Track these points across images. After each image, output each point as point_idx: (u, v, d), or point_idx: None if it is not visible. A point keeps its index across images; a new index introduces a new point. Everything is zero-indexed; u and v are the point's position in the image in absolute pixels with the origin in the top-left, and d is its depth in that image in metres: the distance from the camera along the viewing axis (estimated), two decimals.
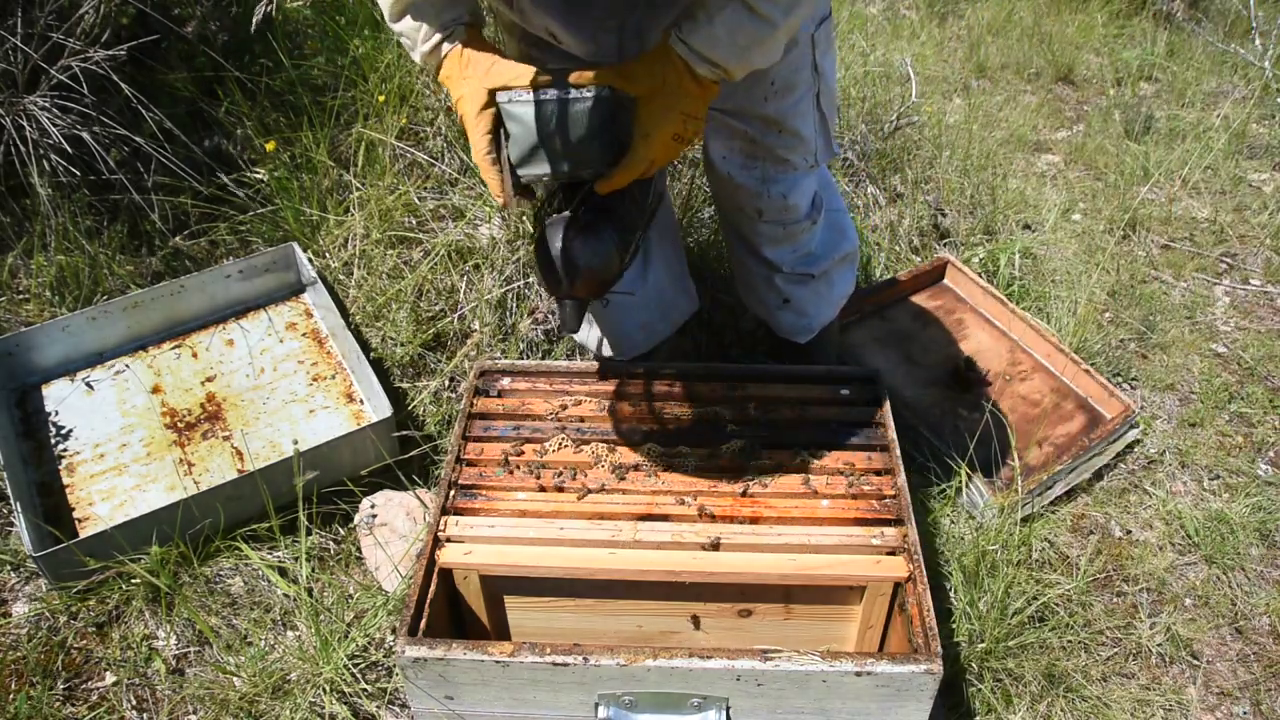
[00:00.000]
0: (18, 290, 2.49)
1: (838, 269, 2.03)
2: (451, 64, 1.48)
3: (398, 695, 1.77)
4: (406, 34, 1.50)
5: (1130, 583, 2.04)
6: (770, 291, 2.00)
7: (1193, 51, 4.03)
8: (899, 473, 1.57)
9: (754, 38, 1.35)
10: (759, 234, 1.87)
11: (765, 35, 1.35)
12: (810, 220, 1.89)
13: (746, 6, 1.33)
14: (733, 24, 1.34)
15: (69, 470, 2.12)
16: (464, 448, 1.64)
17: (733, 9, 1.33)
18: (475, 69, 1.44)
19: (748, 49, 1.36)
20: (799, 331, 2.07)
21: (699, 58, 1.36)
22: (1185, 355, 2.58)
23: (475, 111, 1.43)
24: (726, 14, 1.33)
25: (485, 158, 1.45)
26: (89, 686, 1.82)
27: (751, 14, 1.33)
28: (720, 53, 1.36)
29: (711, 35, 1.34)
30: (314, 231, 2.61)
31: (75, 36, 2.43)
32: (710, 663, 1.29)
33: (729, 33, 1.34)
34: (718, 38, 1.34)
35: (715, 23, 1.34)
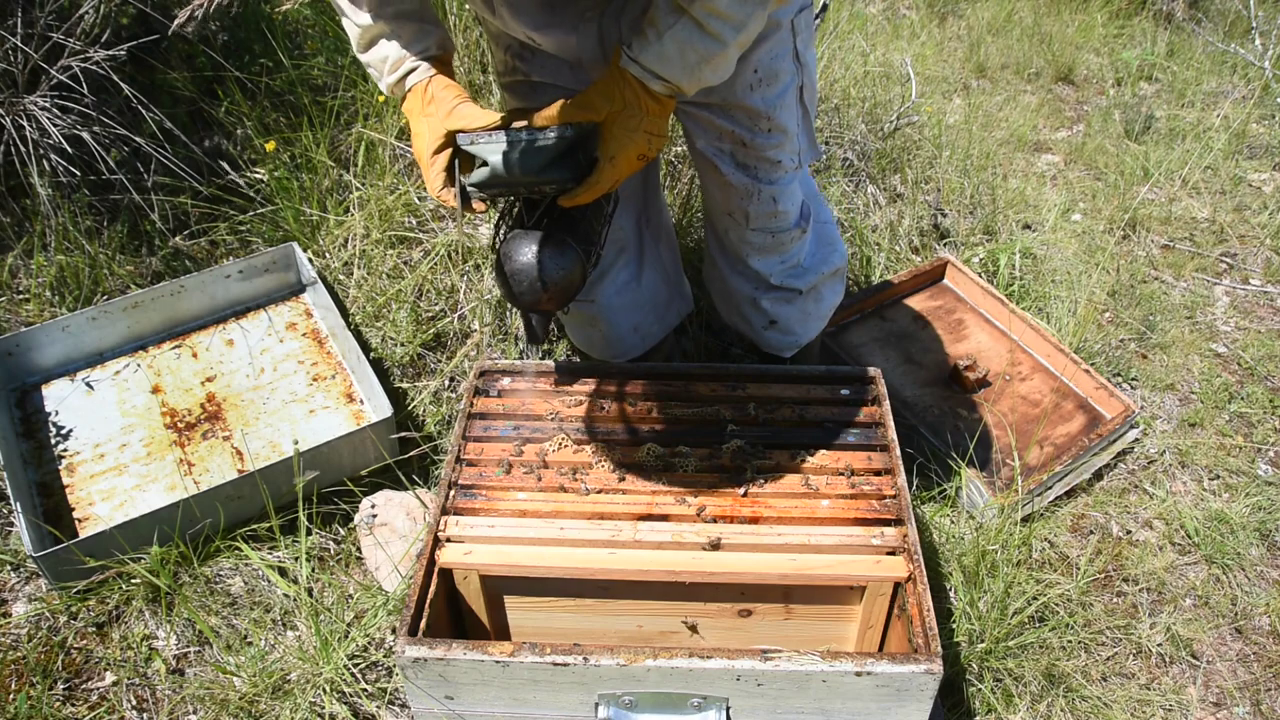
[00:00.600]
0: (18, 290, 2.49)
1: (827, 284, 2.01)
2: (414, 99, 1.49)
3: (398, 695, 1.77)
4: (374, 65, 1.51)
5: (1130, 583, 2.04)
6: (755, 312, 1.96)
7: (1193, 51, 4.03)
8: (899, 473, 1.57)
9: (704, 55, 1.35)
10: (747, 243, 1.84)
11: (715, 52, 1.35)
12: (799, 229, 1.86)
13: (696, 23, 1.32)
14: (683, 41, 1.34)
15: (69, 470, 2.12)
16: (464, 448, 1.64)
17: (682, 25, 1.33)
18: (438, 107, 1.46)
19: (698, 66, 1.36)
20: (785, 348, 2.05)
21: (652, 75, 1.37)
22: (1185, 355, 2.58)
23: (430, 151, 1.45)
24: (676, 30, 1.33)
25: (441, 193, 1.46)
26: (89, 686, 1.82)
27: (701, 31, 1.33)
28: (671, 70, 1.36)
29: (662, 53, 1.35)
30: (314, 231, 2.61)
31: (75, 36, 2.43)
32: (710, 663, 1.29)
33: (679, 50, 1.35)
34: (668, 55, 1.35)
35: (665, 40, 1.34)
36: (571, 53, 1.58)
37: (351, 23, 1.49)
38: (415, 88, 1.49)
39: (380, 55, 1.49)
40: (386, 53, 1.48)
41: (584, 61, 1.59)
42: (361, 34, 1.49)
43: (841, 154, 3.02)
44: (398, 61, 1.48)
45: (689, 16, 1.32)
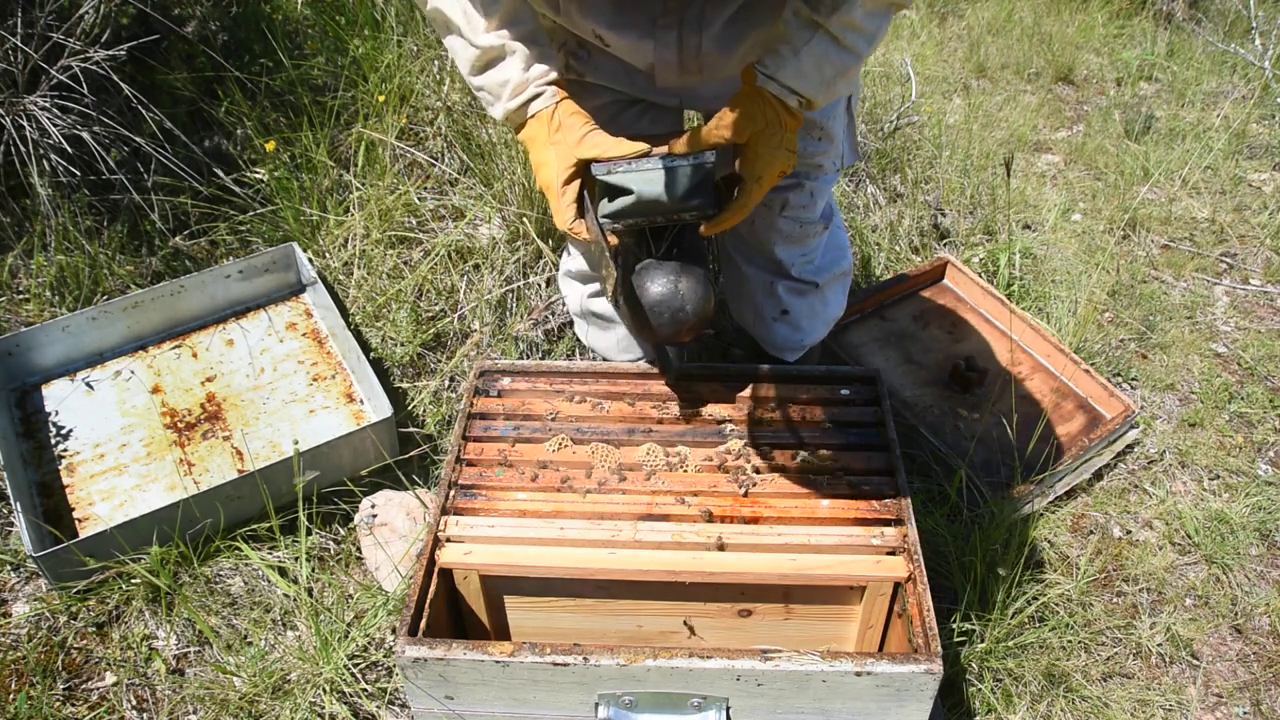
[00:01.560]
0: (18, 290, 2.49)
1: (833, 286, 2.02)
2: (539, 126, 1.40)
3: (398, 695, 1.77)
4: (489, 89, 1.41)
5: (1130, 583, 2.04)
6: (770, 301, 1.97)
7: (1193, 51, 4.03)
8: (899, 473, 1.57)
9: (840, 69, 1.35)
10: (775, 230, 1.85)
11: (850, 65, 1.35)
12: (823, 225, 1.89)
13: (832, 38, 1.32)
14: (820, 56, 1.33)
15: (69, 470, 2.12)
16: (464, 448, 1.64)
17: (818, 40, 1.32)
18: (567, 135, 1.38)
19: (834, 80, 1.36)
20: (790, 348, 2.06)
21: (789, 91, 1.35)
22: (1185, 355, 2.58)
23: (561, 181, 1.38)
24: (813, 46, 1.32)
25: (571, 225, 1.39)
26: (89, 686, 1.82)
27: (837, 45, 1.32)
28: (808, 85, 1.35)
29: (799, 69, 1.34)
30: (314, 231, 2.61)
31: (75, 36, 2.43)
32: (710, 663, 1.29)
33: (816, 65, 1.34)
34: (805, 71, 1.34)
35: (802, 56, 1.33)
36: (644, 57, 1.53)
37: (466, 43, 1.39)
38: (541, 114, 1.40)
39: (499, 79, 1.39)
40: (507, 76, 1.38)
41: (655, 67, 1.54)
42: (478, 56, 1.38)
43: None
44: (520, 86, 1.39)
45: (825, 31, 1.31)
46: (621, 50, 1.54)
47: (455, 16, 1.37)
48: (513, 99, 1.40)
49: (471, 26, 1.37)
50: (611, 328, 2.03)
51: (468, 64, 1.41)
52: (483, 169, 2.63)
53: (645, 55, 1.53)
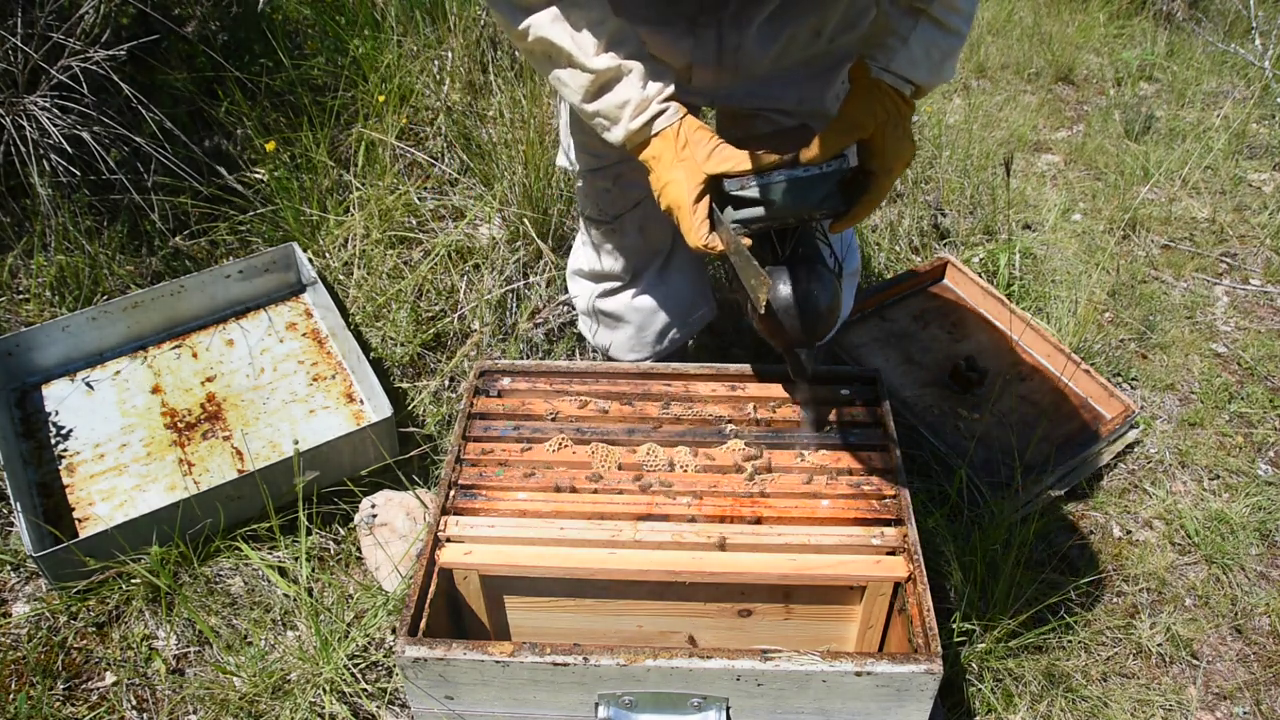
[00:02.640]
0: (18, 290, 2.49)
1: (844, 285, 2.03)
2: (664, 144, 1.37)
3: (398, 695, 1.77)
4: (606, 113, 1.38)
5: (1130, 583, 2.04)
6: None
7: (1193, 51, 4.03)
8: (899, 473, 1.57)
9: (946, 51, 1.36)
10: None
11: (955, 46, 1.37)
12: None
13: (936, 22, 1.33)
14: (928, 41, 1.35)
15: (69, 470, 2.12)
16: (464, 448, 1.64)
17: (923, 27, 1.34)
18: (694, 151, 1.36)
19: (942, 63, 1.37)
20: None
21: (903, 81, 1.36)
22: (1185, 355, 2.58)
23: (692, 199, 1.36)
24: (919, 33, 1.34)
25: (705, 240, 1.37)
26: (89, 686, 1.82)
27: (942, 29, 1.34)
28: (920, 72, 1.36)
29: (910, 57, 1.35)
30: (314, 231, 2.61)
31: (75, 36, 2.43)
32: (710, 663, 1.29)
33: (925, 51, 1.35)
34: (916, 58, 1.35)
35: (911, 44, 1.34)
36: (683, 56, 1.52)
37: (578, 70, 1.35)
38: (666, 132, 1.37)
39: (619, 100, 1.35)
40: (627, 96, 1.35)
41: (693, 66, 1.53)
42: (593, 80, 1.35)
43: None
44: (642, 104, 1.35)
45: (928, 17, 1.33)
46: (659, 49, 1.52)
47: (564, 43, 1.33)
48: (635, 118, 1.37)
49: (583, 51, 1.34)
50: (620, 326, 2.03)
51: (581, 91, 1.37)
52: (483, 169, 2.63)
53: (684, 54, 1.52)
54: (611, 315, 2.03)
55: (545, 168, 2.49)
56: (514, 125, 2.63)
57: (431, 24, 2.89)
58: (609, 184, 1.74)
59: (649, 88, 1.36)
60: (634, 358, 2.06)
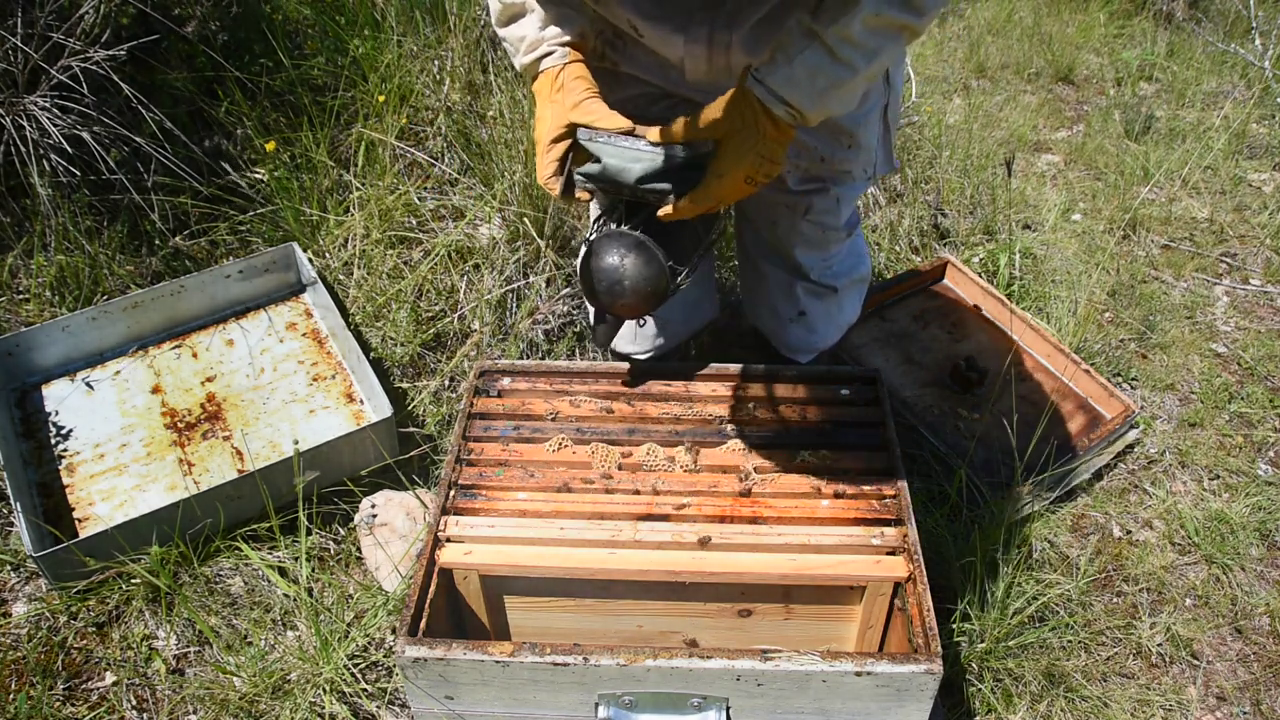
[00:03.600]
0: (18, 290, 2.49)
1: (849, 291, 2.03)
2: (544, 83, 1.48)
3: (398, 695, 1.77)
4: (510, 41, 1.51)
5: (1130, 583, 2.04)
6: (787, 302, 1.97)
7: (1193, 51, 4.03)
8: (899, 472, 1.57)
9: (832, 81, 1.34)
10: (798, 232, 1.85)
11: (844, 79, 1.34)
12: (846, 232, 1.89)
13: (828, 50, 1.31)
14: (813, 66, 1.33)
15: (69, 470, 2.12)
16: (464, 447, 1.64)
17: (813, 51, 1.32)
18: (565, 96, 1.44)
19: (825, 93, 1.35)
20: (803, 350, 2.06)
21: (776, 99, 1.35)
22: (1185, 355, 2.58)
23: (549, 139, 1.44)
24: (806, 56, 1.32)
25: (547, 181, 1.47)
26: (89, 686, 1.82)
27: (832, 58, 1.32)
28: (797, 95, 1.34)
29: (790, 76, 1.33)
30: (314, 231, 2.61)
31: (75, 36, 2.43)
32: (710, 663, 1.29)
33: (808, 75, 1.33)
34: (796, 79, 1.33)
35: (794, 64, 1.33)
36: (675, 51, 1.55)
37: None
38: (547, 72, 1.48)
39: (518, 33, 1.48)
40: (525, 32, 1.47)
41: (685, 61, 1.56)
42: (503, 9, 1.48)
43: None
44: (535, 42, 1.47)
45: (820, 42, 1.31)
46: (654, 42, 1.56)
47: None
48: (527, 54, 1.48)
49: None
50: None
51: (495, 15, 1.50)
52: (483, 169, 2.63)
53: (676, 49, 1.55)
54: None
55: None
56: (514, 125, 2.63)
57: (431, 24, 2.89)
58: None
59: (547, 30, 1.46)
60: (634, 350, 2.05)
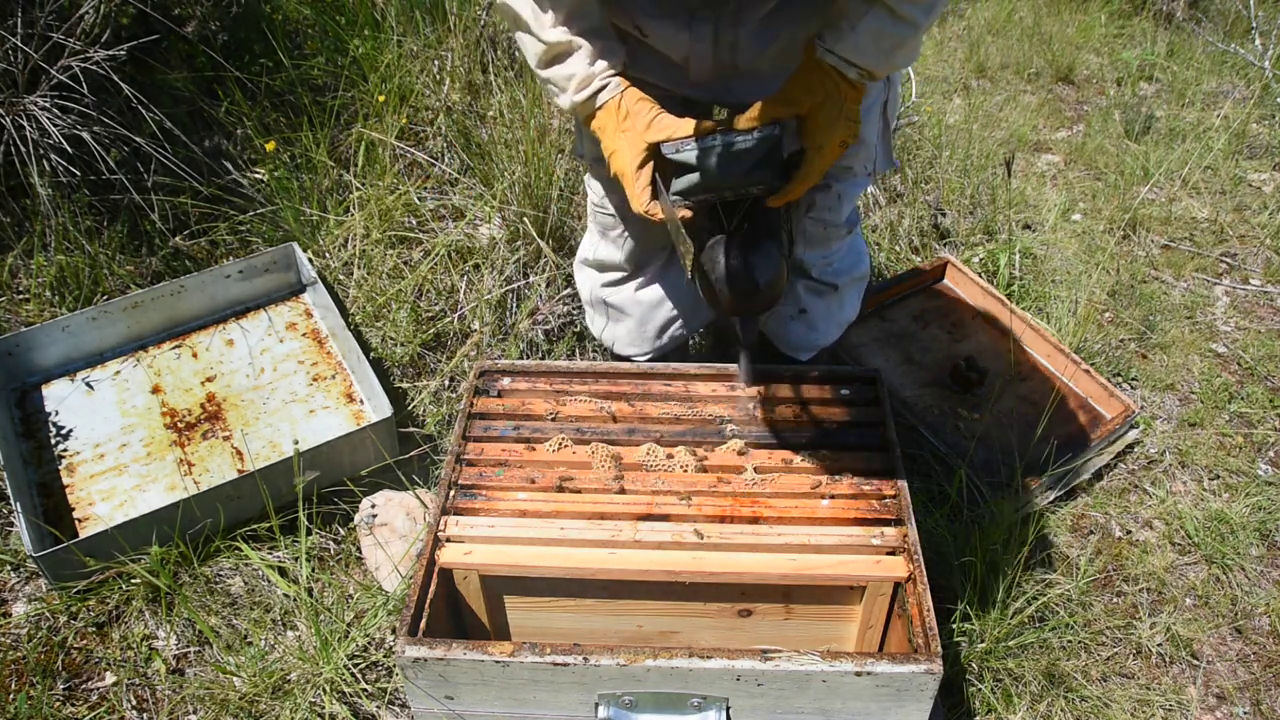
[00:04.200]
0: (18, 290, 2.49)
1: (850, 289, 2.03)
2: (608, 115, 1.46)
3: (398, 695, 1.77)
4: (556, 81, 1.47)
5: (1130, 583, 2.04)
6: (788, 299, 1.98)
7: (1193, 51, 4.03)
8: (899, 473, 1.57)
9: (897, 40, 1.38)
10: (800, 229, 1.86)
11: (908, 36, 1.38)
12: (847, 230, 1.90)
13: (888, 10, 1.35)
14: (876, 29, 1.37)
15: (69, 470, 2.12)
16: (464, 448, 1.64)
17: (874, 15, 1.36)
18: (635, 121, 1.44)
19: (892, 51, 1.40)
20: (803, 347, 2.06)
21: (847, 64, 1.39)
22: (1185, 355, 2.58)
23: (635, 166, 1.43)
24: (869, 20, 1.37)
25: (647, 207, 1.44)
26: (89, 686, 1.82)
27: (894, 17, 1.36)
28: (867, 58, 1.39)
29: (856, 43, 1.38)
30: (314, 231, 2.61)
31: (75, 36, 2.43)
32: (710, 663, 1.29)
33: (873, 38, 1.37)
34: (862, 45, 1.38)
35: (859, 30, 1.37)
36: (680, 49, 1.56)
37: (534, 39, 1.44)
38: (609, 104, 1.46)
39: (566, 73, 1.45)
40: (574, 70, 1.45)
41: (690, 59, 1.58)
42: (545, 50, 1.44)
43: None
44: (586, 79, 1.45)
45: (882, 4, 1.35)
46: (658, 41, 1.56)
47: (524, 12, 1.42)
48: (579, 92, 1.46)
49: (539, 22, 1.42)
50: (622, 319, 2.03)
51: (536, 57, 1.47)
52: (483, 169, 2.63)
53: (681, 47, 1.55)
54: (614, 307, 2.03)
55: (545, 167, 2.49)
56: (514, 125, 2.63)
57: (431, 24, 2.90)
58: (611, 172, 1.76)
59: (596, 65, 1.44)
60: (635, 351, 2.05)
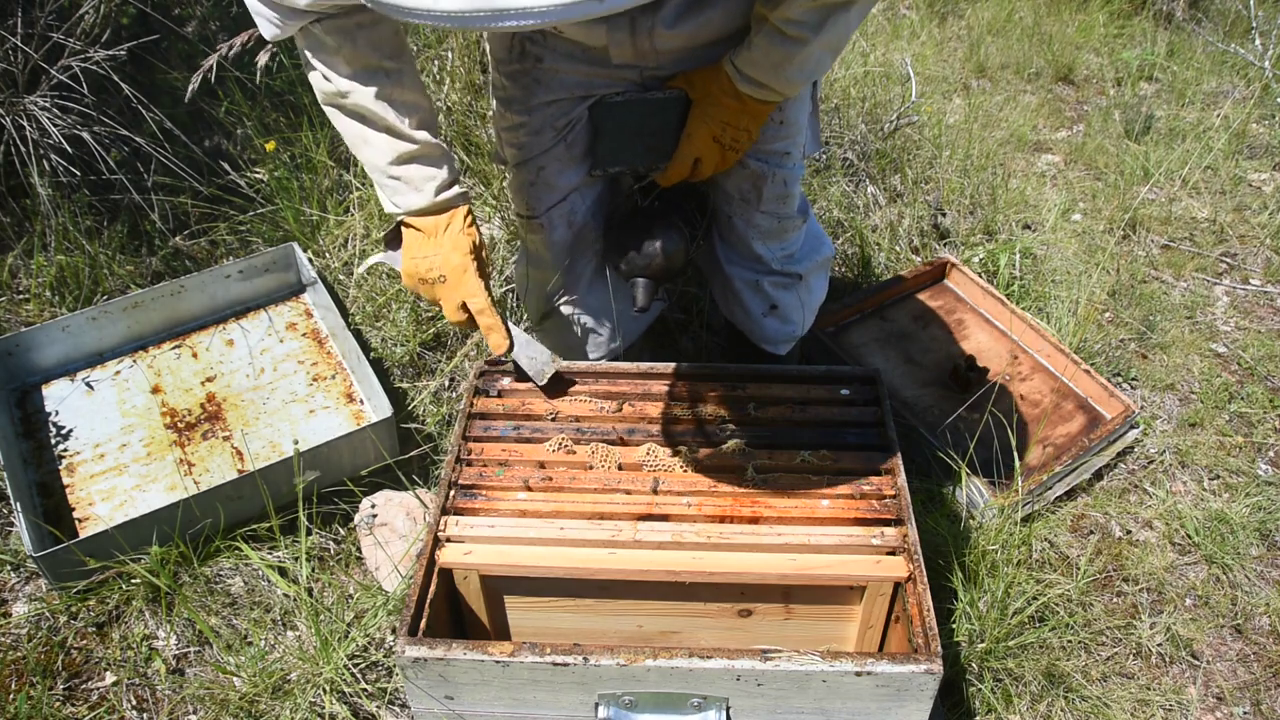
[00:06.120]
0: (18, 290, 2.49)
1: (815, 274, 2.04)
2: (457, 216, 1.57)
3: (398, 695, 1.77)
4: (408, 179, 1.55)
5: (1130, 583, 2.04)
6: (756, 297, 1.99)
7: (1193, 51, 4.03)
8: (899, 473, 1.57)
9: (785, 56, 1.49)
10: (754, 226, 1.87)
11: (796, 52, 1.48)
12: (801, 218, 1.92)
13: (776, 29, 1.46)
14: (765, 46, 1.49)
15: (69, 470, 2.12)
16: (464, 447, 1.64)
17: (765, 32, 1.48)
18: (471, 230, 1.59)
19: (781, 66, 1.51)
20: (780, 340, 2.07)
21: (742, 77, 1.54)
22: (1185, 355, 2.58)
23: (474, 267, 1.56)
24: (760, 37, 1.49)
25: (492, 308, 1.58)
26: (89, 686, 1.82)
27: (781, 35, 1.47)
28: (758, 71, 1.52)
29: (750, 57, 1.52)
30: (314, 231, 2.61)
31: (75, 36, 2.43)
32: (710, 663, 1.29)
33: (764, 53, 1.50)
34: (755, 58, 1.51)
35: (753, 45, 1.50)
36: (599, 39, 1.59)
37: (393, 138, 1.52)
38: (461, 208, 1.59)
39: (426, 174, 1.55)
40: (434, 172, 1.55)
41: (610, 46, 1.60)
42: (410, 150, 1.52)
43: (841, 154, 3.02)
44: (449, 181, 1.56)
45: (770, 24, 1.46)
46: (576, 32, 1.60)
47: (389, 115, 1.49)
48: (442, 192, 1.56)
49: (404, 123, 1.50)
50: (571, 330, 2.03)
51: (392, 154, 1.52)
52: (483, 169, 2.63)
53: (599, 36, 1.60)
54: (561, 319, 2.02)
55: None
56: None
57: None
58: (533, 177, 1.77)
59: (453, 171, 1.57)
60: (595, 357, 2.06)
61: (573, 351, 2.08)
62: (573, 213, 1.84)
